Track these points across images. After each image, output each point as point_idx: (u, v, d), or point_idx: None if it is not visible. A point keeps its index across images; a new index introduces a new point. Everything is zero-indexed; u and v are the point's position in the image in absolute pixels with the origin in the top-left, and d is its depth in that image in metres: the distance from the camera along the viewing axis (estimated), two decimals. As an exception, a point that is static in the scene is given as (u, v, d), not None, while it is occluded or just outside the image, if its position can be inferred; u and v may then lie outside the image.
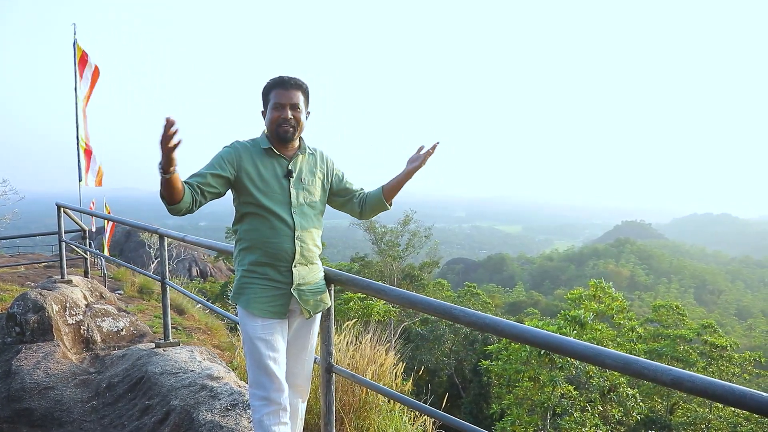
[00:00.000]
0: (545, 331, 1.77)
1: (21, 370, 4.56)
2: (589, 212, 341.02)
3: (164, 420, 3.42)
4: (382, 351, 4.49)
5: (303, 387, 2.60)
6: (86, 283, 6.89)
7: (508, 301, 57.81)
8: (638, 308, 52.73)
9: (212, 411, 3.30)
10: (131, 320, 6.25)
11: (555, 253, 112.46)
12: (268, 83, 2.41)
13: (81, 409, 4.01)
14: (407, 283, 30.64)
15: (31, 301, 5.54)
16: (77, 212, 7.19)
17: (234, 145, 2.41)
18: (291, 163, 2.44)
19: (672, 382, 1.52)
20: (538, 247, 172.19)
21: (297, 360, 2.55)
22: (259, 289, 2.39)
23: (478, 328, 1.93)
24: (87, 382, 4.46)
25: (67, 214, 6.92)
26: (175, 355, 4.39)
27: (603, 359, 1.63)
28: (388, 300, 2.30)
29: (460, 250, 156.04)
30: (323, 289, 2.56)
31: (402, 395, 2.34)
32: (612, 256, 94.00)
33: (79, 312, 5.91)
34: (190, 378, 3.82)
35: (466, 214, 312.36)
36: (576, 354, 1.68)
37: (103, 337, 5.78)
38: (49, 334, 5.39)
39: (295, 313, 2.52)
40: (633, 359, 1.59)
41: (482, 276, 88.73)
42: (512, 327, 1.84)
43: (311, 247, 2.47)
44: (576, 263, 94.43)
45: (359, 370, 4.29)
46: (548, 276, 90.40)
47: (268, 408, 2.35)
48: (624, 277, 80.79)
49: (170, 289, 4.93)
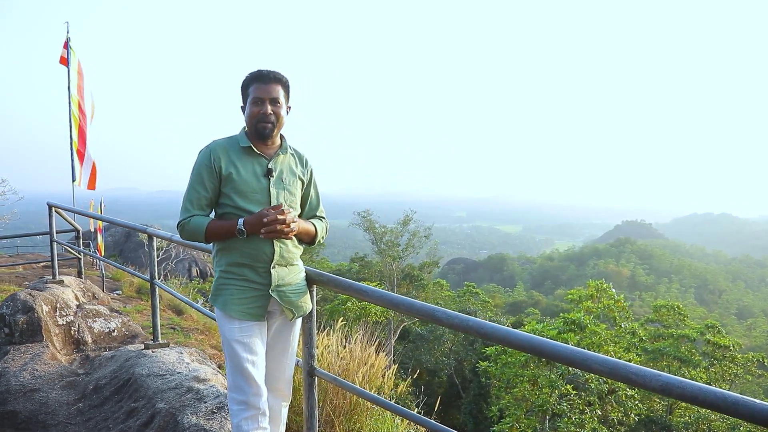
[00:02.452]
0: (530, 335, 1.70)
1: (7, 371, 4.49)
2: (589, 212, 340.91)
3: (149, 423, 3.35)
4: (373, 352, 4.41)
5: (284, 390, 2.53)
6: (79, 284, 6.81)
7: (508, 301, 57.69)
8: (639, 308, 52.67)
9: (197, 414, 3.23)
10: (123, 321, 6.17)
11: (555, 253, 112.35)
12: (247, 77, 2.33)
13: (66, 411, 3.93)
14: (407, 283, 30.54)
15: (21, 302, 5.47)
16: (70, 212, 7.10)
17: (210, 146, 2.34)
18: (271, 162, 2.36)
19: (661, 389, 1.44)
20: (539, 246, 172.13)
21: (277, 363, 2.48)
22: (237, 290, 2.32)
23: (461, 330, 1.86)
24: (74, 384, 4.38)
25: (59, 214, 6.84)
26: (164, 356, 4.32)
27: (590, 364, 1.56)
28: (369, 301, 2.23)
29: (461, 250, 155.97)
30: (304, 290, 2.49)
31: (383, 399, 2.26)
32: (612, 255, 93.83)
33: (70, 313, 5.84)
34: (177, 380, 3.75)
35: (467, 214, 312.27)
36: (562, 358, 1.61)
37: (94, 338, 5.70)
38: (38, 335, 5.32)
39: (274, 314, 2.44)
40: (621, 364, 1.52)
41: (482, 276, 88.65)
42: (496, 330, 1.77)
43: (291, 249, 2.39)
44: (576, 263, 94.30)
45: (350, 371, 4.22)
46: (549, 276, 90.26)
47: (246, 413, 2.28)
48: (624, 276, 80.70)
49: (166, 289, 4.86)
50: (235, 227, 2.22)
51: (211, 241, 2.34)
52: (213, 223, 2.27)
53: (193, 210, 2.30)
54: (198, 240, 2.30)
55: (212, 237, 2.29)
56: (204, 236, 2.27)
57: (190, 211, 2.31)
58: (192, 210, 2.30)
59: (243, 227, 2.20)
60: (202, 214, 2.31)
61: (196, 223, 2.28)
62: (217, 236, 2.28)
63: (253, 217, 2.21)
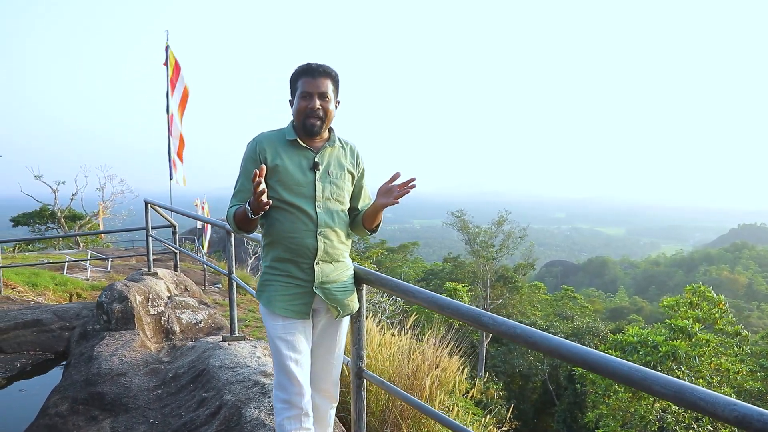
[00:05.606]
0: (584, 348, 1.50)
1: (100, 356, 4.79)
2: (701, 214, 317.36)
3: (216, 413, 3.42)
4: (446, 354, 4.27)
5: (330, 391, 2.45)
6: (172, 276, 7.19)
7: (609, 306, 54.95)
8: (758, 319, 48.27)
9: (260, 408, 3.25)
10: (210, 313, 6.43)
11: (662, 257, 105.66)
12: (296, 71, 2.27)
13: (146, 396, 4.12)
14: (501, 284, 29.81)
15: (117, 292, 5.84)
16: (167, 210, 7.49)
17: (257, 138, 2.31)
18: (318, 155, 2.29)
19: (737, 420, 1.21)
20: (643, 250, 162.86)
21: (323, 362, 2.41)
22: (281, 287, 2.27)
23: (508, 337, 1.69)
24: (156, 371, 4.59)
25: (156, 211, 7.24)
26: (238, 349, 4.42)
27: (650, 384, 1.34)
28: (415, 302, 2.10)
29: (559, 252, 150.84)
30: (351, 288, 2.40)
31: (434, 411, 2.11)
32: (727, 261, 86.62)
33: (161, 303, 6.16)
34: (245, 373, 3.81)
35: (566, 215, 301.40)
36: (617, 375, 1.40)
37: (182, 329, 5.98)
38: (131, 324, 5.66)
39: (320, 312, 2.37)
40: (687, 387, 1.29)
41: (582, 280, 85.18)
42: (547, 340, 1.58)
43: (336, 244, 2.31)
44: (685, 269, 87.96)
45: (420, 373, 4.10)
46: (654, 281, 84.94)
47: (288, 412, 2.22)
48: (741, 284, 74.18)
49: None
50: (246, 210, 2.15)
51: (243, 229, 2.25)
52: (234, 209, 2.25)
53: (236, 202, 2.28)
54: (235, 230, 2.29)
55: (240, 223, 2.23)
56: (234, 225, 2.25)
57: (232, 203, 2.30)
58: (234, 203, 2.29)
59: (249, 205, 2.13)
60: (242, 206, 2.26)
61: (229, 214, 2.27)
62: (240, 221, 2.22)
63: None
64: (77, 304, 7.34)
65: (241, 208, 2.20)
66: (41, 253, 21.25)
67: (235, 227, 2.26)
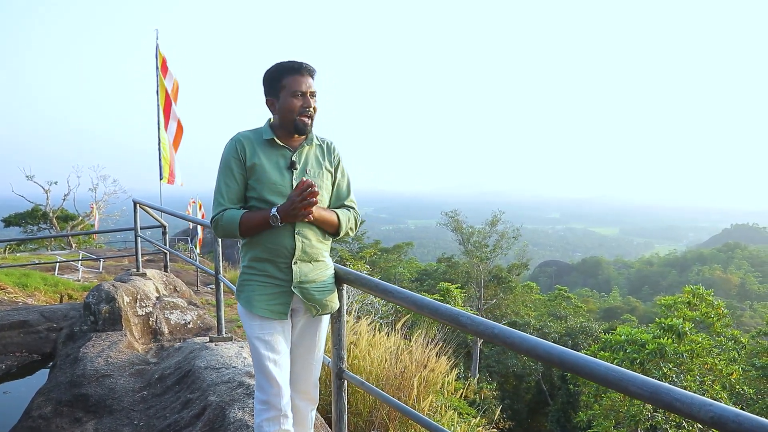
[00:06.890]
0: (560, 348, 1.48)
1: (86, 357, 4.75)
2: (694, 214, 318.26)
3: (200, 415, 3.39)
4: (433, 354, 4.24)
5: (310, 393, 2.42)
6: (161, 277, 7.14)
7: (602, 306, 55.11)
8: (750, 319, 48.44)
9: (244, 409, 3.22)
10: (199, 314, 6.38)
11: (655, 257, 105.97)
12: (279, 68, 2.22)
13: (131, 398, 4.08)
14: (494, 284, 29.85)
15: (104, 292, 5.79)
16: (157, 210, 7.45)
17: (235, 138, 2.26)
18: (295, 154, 2.26)
19: (712, 421, 1.19)
20: (637, 250, 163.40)
21: (303, 363, 2.37)
22: (258, 287, 2.24)
23: (486, 338, 1.67)
24: (142, 372, 4.55)
25: (146, 211, 7.19)
26: (224, 350, 4.39)
27: (626, 385, 1.32)
28: (394, 302, 2.08)
29: (553, 252, 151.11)
30: (331, 288, 2.36)
31: (414, 411, 2.09)
32: (720, 261, 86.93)
33: (149, 304, 6.11)
34: (230, 374, 3.78)
35: (561, 215, 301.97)
36: (594, 376, 1.38)
37: (170, 329, 5.93)
38: (118, 324, 5.61)
39: (299, 312, 2.34)
40: (663, 388, 1.27)
41: (576, 280, 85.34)
42: (524, 340, 1.56)
43: (315, 243, 2.27)
44: (678, 269, 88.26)
45: (408, 374, 4.07)
46: (647, 281, 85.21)
47: (267, 413, 2.19)
48: (733, 284, 74.49)
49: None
50: (269, 216, 2.12)
51: (248, 235, 2.20)
52: (247, 214, 2.17)
53: (226, 203, 2.22)
54: (233, 235, 2.20)
55: (248, 230, 2.17)
56: (239, 230, 2.17)
57: (223, 205, 2.22)
58: (225, 203, 2.22)
59: (277, 213, 2.10)
60: (235, 208, 2.23)
61: (229, 217, 2.19)
62: (252, 228, 2.17)
63: (287, 203, 2.11)
64: (65, 305, 7.28)
65: (257, 213, 2.17)
66: (33, 253, 21.12)
67: (239, 232, 2.18)
